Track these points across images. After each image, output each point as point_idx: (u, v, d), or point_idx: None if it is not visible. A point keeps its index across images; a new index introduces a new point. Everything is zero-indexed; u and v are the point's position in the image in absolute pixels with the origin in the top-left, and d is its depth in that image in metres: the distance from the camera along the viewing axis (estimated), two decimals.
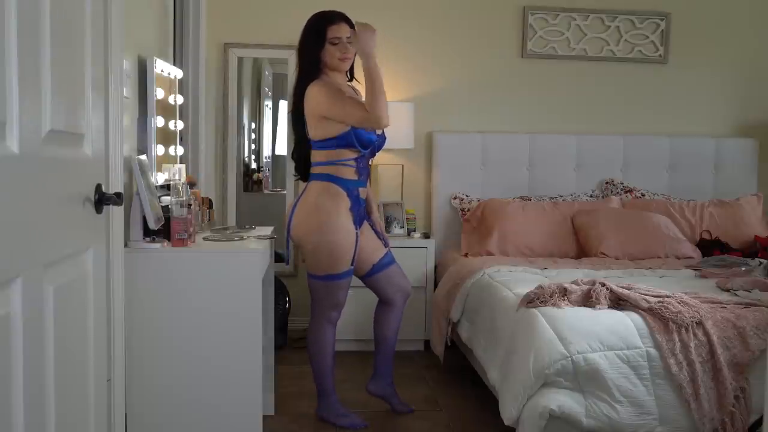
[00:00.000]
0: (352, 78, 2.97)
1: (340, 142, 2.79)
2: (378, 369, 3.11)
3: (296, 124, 2.93)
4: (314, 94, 2.78)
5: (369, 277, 3.02)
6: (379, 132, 2.89)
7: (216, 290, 2.35)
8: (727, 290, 2.95)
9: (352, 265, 2.86)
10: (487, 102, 4.40)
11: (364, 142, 2.82)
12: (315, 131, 2.82)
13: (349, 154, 2.82)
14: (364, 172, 2.91)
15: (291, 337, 4.13)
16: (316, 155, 2.87)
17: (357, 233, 2.85)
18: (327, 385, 2.97)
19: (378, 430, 2.92)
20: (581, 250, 3.91)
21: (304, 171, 2.98)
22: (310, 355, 2.97)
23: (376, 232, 3.05)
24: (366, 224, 3.00)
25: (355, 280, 2.98)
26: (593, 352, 2.37)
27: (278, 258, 3.19)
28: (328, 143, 2.81)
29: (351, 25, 2.82)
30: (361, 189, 2.90)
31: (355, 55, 2.85)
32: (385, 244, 3.07)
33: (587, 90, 4.46)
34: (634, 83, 4.49)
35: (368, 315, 3.86)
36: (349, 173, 2.84)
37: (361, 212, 2.92)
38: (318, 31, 2.79)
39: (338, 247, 2.80)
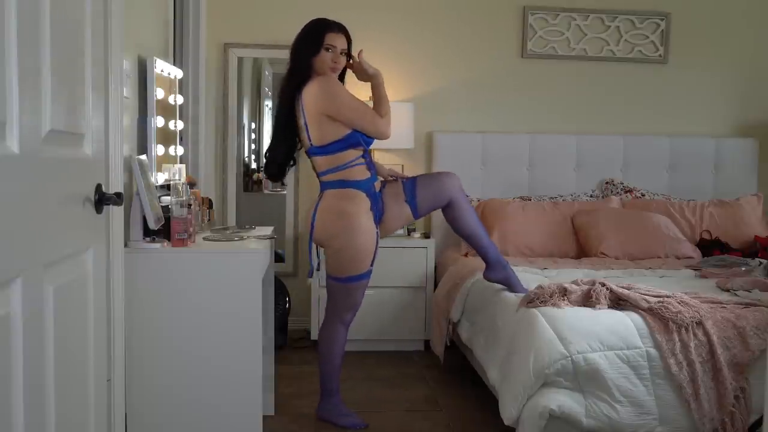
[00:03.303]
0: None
1: (346, 143, 2.75)
2: (487, 262, 2.99)
3: (284, 127, 2.84)
4: (315, 92, 2.72)
5: (418, 213, 2.93)
6: None
7: (216, 290, 2.35)
8: (727, 290, 2.95)
9: (371, 265, 2.85)
10: (487, 102, 4.40)
11: (369, 139, 2.82)
12: (318, 134, 2.75)
13: (356, 153, 2.79)
14: (373, 167, 2.88)
15: (291, 337, 4.13)
16: (320, 164, 2.81)
17: (377, 232, 2.83)
18: (333, 385, 2.97)
19: (378, 430, 2.92)
20: (581, 250, 3.91)
21: (275, 173, 2.93)
22: (319, 354, 2.97)
23: (390, 184, 2.93)
24: (387, 195, 2.90)
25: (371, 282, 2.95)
26: (593, 352, 2.37)
27: (278, 258, 3.18)
28: (331, 147, 2.75)
29: (348, 38, 2.81)
30: (375, 183, 2.86)
31: (345, 67, 2.85)
32: (400, 178, 2.96)
33: (587, 90, 4.47)
34: (634, 83, 4.49)
35: (371, 316, 3.88)
36: (361, 173, 2.79)
37: (380, 208, 2.87)
38: (315, 36, 2.76)
39: (361, 251, 2.78)
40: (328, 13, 4.27)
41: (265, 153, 2.98)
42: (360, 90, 2.92)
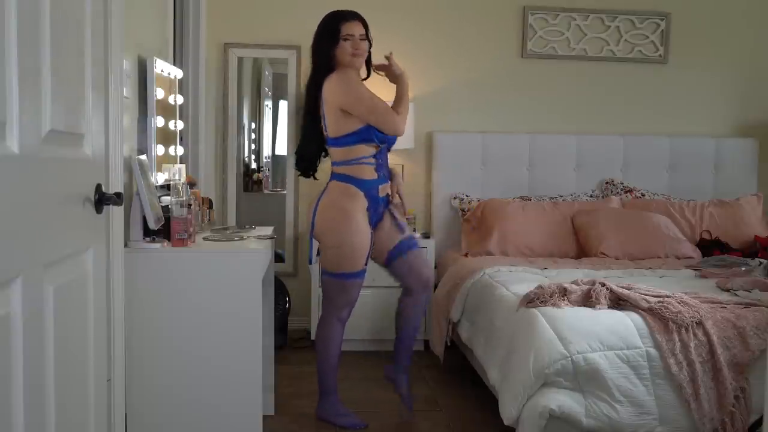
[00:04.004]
0: (369, 75, 2.97)
1: (359, 137, 2.80)
2: (395, 356, 3.08)
3: (309, 122, 2.93)
4: (334, 85, 2.78)
5: (388, 265, 2.99)
6: None
7: (216, 290, 2.35)
8: (727, 290, 2.95)
9: (365, 264, 2.87)
10: (487, 102, 4.40)
11: (382, 136, 2.84)
12: (333, 126, 2.82)
13: (368, 150, 2.83)
14: (383, 169, 2.90)
15: (291, 337, 4.13)
16: (334, 154, 2.89)
17: (371, 233, 2.87)
18: (329, 383, 2.97)
19: (378, 430, 2.92)
20: (581, 250, 3.91)
21: (305, 168, 3.01)
22: (316, 352, 2.98)
23: (394, 218, 2.96)
24: (386, 214, 2.96)
25: (367, 280, 2.98)
26: (593, 352, 2.37)
27: (278, 258, 3.18)
28: (345, 140, 2.81)
29: (364, 24, 2.85)
30: (381, 186, 2.88)
31: (369, 52, 2.89)
32: (401, 230, 2.97)
33: (587, 90, 4.46)
34: (634, 83, 4.49)
35: (370, 316, 3.88)
36: (368, 172, 2.84)
37: (378, 211, 2.90)
38: (332, 29, 2.82)
39: (354, 249, 2.82)
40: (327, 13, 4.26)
41: (295, 152, 3.05)
42: (377, 84, 2.95)
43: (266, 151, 4.48)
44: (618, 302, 2.61)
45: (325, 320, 2.95)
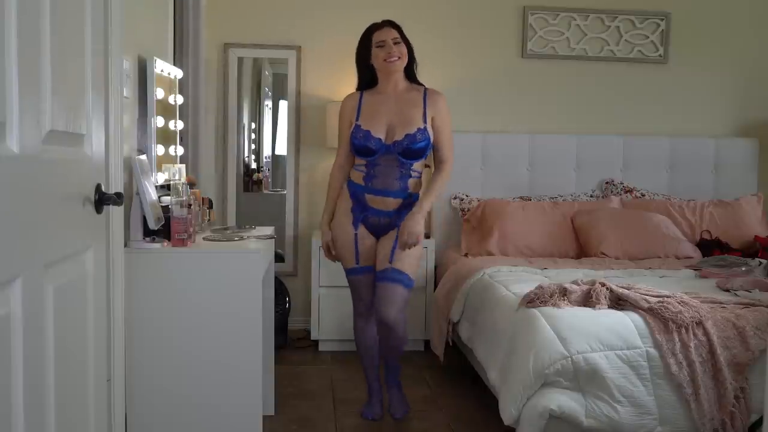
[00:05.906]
0: (412, 80, 3.03)
1: (352, 147, 2.92)
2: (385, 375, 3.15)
3: None
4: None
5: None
6: (379, 136, 2.83)
7: (216, 290, 2.35)
8: (727, 290, 2.95)
9: (357, 263, 2.91)
10: (487, 102, 4.39)
11: (358, 148, 2.86)
12: None
13: (360, 160, 2.91)
14: (373, 179, 2.86)
15: (291, 337, 4.13)
16: None
17: (355, 234, 2.89)
18: (367, 382, 3.07)
19: (378, 430, 2.92)
20: (581, 250, 3.91)
21: None
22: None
23: (394, 246, 2.85)
24: (396, 237, 2.87)
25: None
26: (593, 352, 2.37)
27: (278, 258, 3.18)
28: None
29: (397, 28, 2.95)
30: (369, 196, 2.87)
31: (408, 57, 2.96)
32: (389, 260, 2.84)
33: (587, 90, 4.46)
34: (634, 83, 4.48)
35: None
36: (358, 177, 2.91)
37: (369, 219, 2.89)
38: (365, 41, 2.93)
39: (341, 246, 2.93)
40: (327, 13, 4.26)
41: None
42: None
43: (266, 151, 4.48)
44: (618, 302, 2.61)
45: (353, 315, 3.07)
